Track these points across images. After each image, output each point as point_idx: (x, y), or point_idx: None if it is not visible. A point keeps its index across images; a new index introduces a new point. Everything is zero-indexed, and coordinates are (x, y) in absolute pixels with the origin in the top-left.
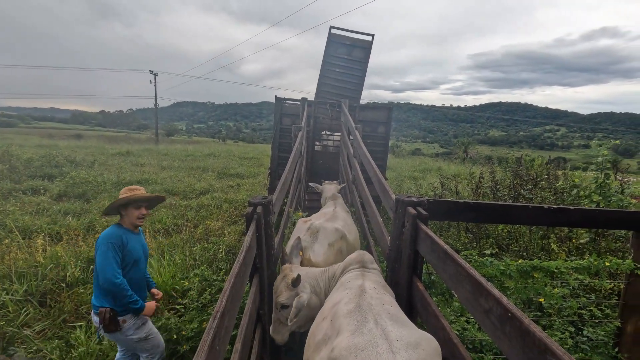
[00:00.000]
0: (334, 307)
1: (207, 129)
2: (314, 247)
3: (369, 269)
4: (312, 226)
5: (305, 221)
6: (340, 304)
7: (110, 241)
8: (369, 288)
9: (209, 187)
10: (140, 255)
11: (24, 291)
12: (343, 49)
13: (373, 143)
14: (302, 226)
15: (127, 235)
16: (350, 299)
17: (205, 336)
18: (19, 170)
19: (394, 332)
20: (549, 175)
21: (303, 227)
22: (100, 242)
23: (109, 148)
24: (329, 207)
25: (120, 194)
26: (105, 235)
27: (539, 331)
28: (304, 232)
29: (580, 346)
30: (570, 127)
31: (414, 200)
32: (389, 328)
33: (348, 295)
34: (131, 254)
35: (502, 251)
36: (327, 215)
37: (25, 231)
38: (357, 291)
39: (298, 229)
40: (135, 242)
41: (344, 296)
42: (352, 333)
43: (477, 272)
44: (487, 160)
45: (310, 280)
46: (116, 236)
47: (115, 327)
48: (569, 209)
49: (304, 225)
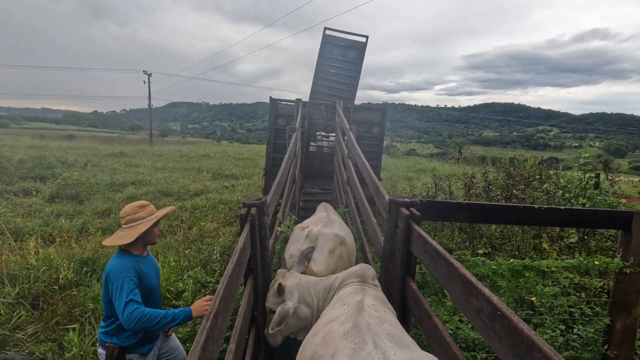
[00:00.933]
0: (329, 324)
1: (202, 129)
2: (314, 256)
3: (369, 284)
4: (311, 234)
5: (303, 227)
6: (336, 322)
7: (128, 275)
8: (367, 305)
9: (204, 188)
10: (155, 282)
11: (16, 294)
12: (337, 50)
13: (367, 144)
14: (300, 234)
15: (140, 263)
16: (347, 317)
17: (199, 337)
18: (10, 171)
19: (396, 356)
20: (542, 176)
21: (301, 235)
22: (113, 277)
23: (102, 149)
24: (321, 212)
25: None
26: (118, 270)
27: (527, 329)
28: (302, 240)
29: (571, 344)
30: (563, 128)
31: (407, 200)
32: (389, 351)
33: (345, 312)
34: (147, 284)
35: (495, 251)
36: (322, 220)
37: (17, 233)
38: (355, 308)
39: (296, 237)
40: (149, 268)
41: (340, 313)
42: (350, 357)
43: (469, 272)
44: (481, 161)
45: (302, 290)
46: (132, 269)
47: None
48: (559, 208)
49: (302, 232)
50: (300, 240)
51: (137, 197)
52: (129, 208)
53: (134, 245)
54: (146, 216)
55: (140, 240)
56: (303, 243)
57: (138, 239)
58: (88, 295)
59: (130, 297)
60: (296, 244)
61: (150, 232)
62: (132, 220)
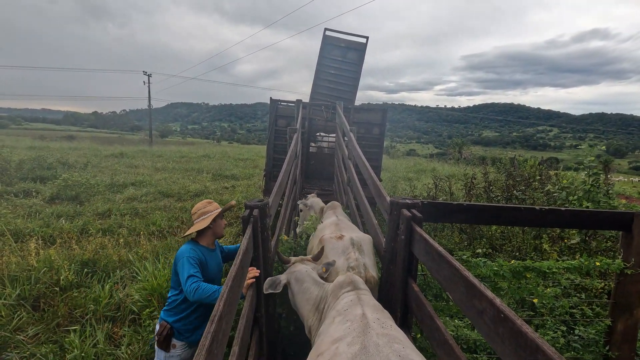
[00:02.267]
0: (334, 344)
1: (202, 130)
2: (365, 262)
3: (362, 290)
4: (355, 241)
5: (339, 237)
6: (342, 342)
7: (190, 255)
8: (372, 320)
9: (204, 189)
10: (215, 274)
11: (17, 295)
12: (337, 51)
13: (368, 144)
14: (339, 243)
15: (206, 254)
16: (354, 337)
17: (204, 340)
18: (10, 172)
19: None
20: (542, 176)
21: (341, 245)
22: (179, 257)
23: (102, 149)
24: (331, 217)
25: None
26: (183, 252)
27: (531, 332)
28: (349, 249)
29: (572, 345)
30: (563, 128)
31: (408, 202)
32: None
33: (351, 331)
34: (206, 273)
35: (496, 251)
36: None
37: (18, 234)
38: (360, 326)
39: (336, 248)
40: (212, 260)
41: (345, 332)
42: None
43: (471, 274)
44: (481, 161)
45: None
46: (195, 253)
47: (166, 346)
48: (560, 210)
49: (340, 242)
50: (346, 250)
51: (137, 198)
52: (200, 204)
53: (204, 235)
54: (214, 209)
55: (211, 232)
56: (352, 251)
57: (209, 228)
58: (89, 297)
59: (191, 272)
60: (341, 256)
61: (217, 224)
62: (203, 213)
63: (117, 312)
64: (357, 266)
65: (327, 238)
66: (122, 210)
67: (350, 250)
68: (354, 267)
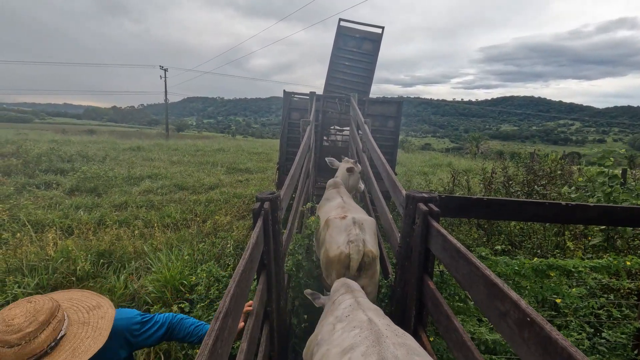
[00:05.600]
0: (345, 355)
1: (217, 124)
2: (366, 238)
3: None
4: (357, 220)
5: (342, 217)
6: (354, 353)
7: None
8: (382, 326)
9: (218, 182)
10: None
11: (35, 284)
12: (352, 42)
13: (382, 137)
14: (342, 222)
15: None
16: (367, 347)
17: (207, 339)
18: (32, 165)
19: None
20: (563, 171)
21: (344, 224)
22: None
23: (120, 143)
24: (336, 198)
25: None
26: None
27: (562, 338)
28: (350, 227)
29: (598, 347)
30: (585, 122)
31: (425, 196)
32: None
33: (362, 339)
34: None
35: (515, 248)
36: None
37: (38, 225)
38: (371, 333)
39: (339, 227)
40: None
41: (355, 341)
42: None
43: (492, 272)
44: (498, 156)
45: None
46: None
47: None
48: (588, 205)
49: (343, 221)
50: (348, 227)
51: (153, 191)
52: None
53: None
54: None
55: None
56: (352, 228)
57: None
58: (104, 287)
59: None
60: (343, 233)
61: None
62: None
63: (131, 303)
64: (356, 240)
65: (332, 218)
66: (138, 203)
67: (352, 228)
68: (353, 241)
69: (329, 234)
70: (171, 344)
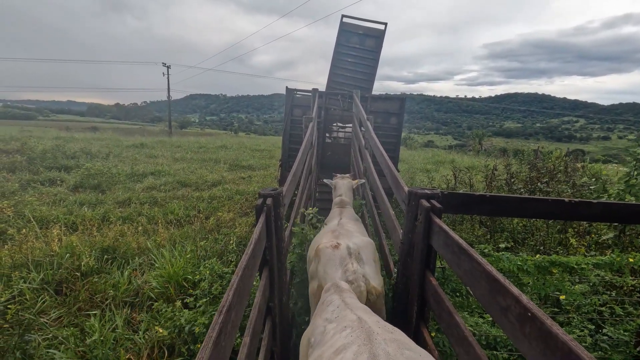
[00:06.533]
0: (338, 356)
1: (220, 121)
2: (366, 271)
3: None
4: (352, 250)
5: (334, 246)
6: (347, 352)
7: None
8: (372, 323)
9: (221, 179)
10: None
11: (41, 280)
12: (355, 38)
13: (385, 134)
14: (335, 253)
15: None
16: (359, 345)
17: (210, 332)
18: (37, 161)
19: None
20: (567, 168)
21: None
22: None
23: (124, 140)
24: (335, 219)
25: None
26: None
27: (562, 333)
28: (346, 259)
29: (600, 344)
30: (590, 119)
31: (427, 192)
32: None
33: (353, 338)
34: None
35: (518, 245)
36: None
37: (43, 221)
38: (362, 332)
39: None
40: None
41: (347, 340)
42: None
43: (494, 268)
44: (502, 153)
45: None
46: None
47: None
48: (591, 202)
49: (336, 252)
50: (343, 260)
51: (156, 187)
52: None
53: None
54: None
55: None
56: (349, 262)
57: None
58: (109, 283)
59: None
60: (339, 268)
61: None
62: None
63: (135, 298)
64: (355, 279)
65: (322, 248)
66: (142, 199)
67: (348, 261)
68: (352, 281)
69: (321, 268)
70: (174, 338)
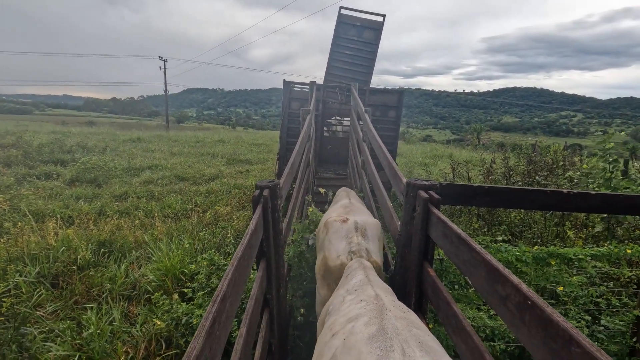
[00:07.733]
0: (349, 324)
1: (217, 115)
2: (369, 247)
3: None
4: (359, 225)
5: (343, 220)
6: (357, 322)
7: None
8: (388, 302)
9: (218, 173)
10: None
11: (37, 273)
12: (353, 30)
13: (383, 127)
14: (343, 227)
15: None
16: (370, 318)
17: (204, 321)
18: (32, 156)
19: None
20: (565, 162)
21: (345, 228)
22: None
23: (121, 134)
24: (344, 199)
25: None
26: None
27: (563, 321)
28: (352, 232)
29: (597, 335)
30: (588, 113)
31: (425, 184)
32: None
33: (366, 311)
34: None
35: (515, 238)
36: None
37: (39, 215)
38: (376, 306)
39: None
40: None
41: (360, 311)
42: None
43: (493, 258)
44: (499, 147)
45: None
46: None
47: None
48: (590, 193)
49: (344, 225)
50: (349, 233)
51: (153, 181)
52: None
53: None
54: None
55: None
56: (354, 235)
57: None
58: (105, 276)
59: None
60: (343, 240)
61: None
62: None
63: (132, 292)
64: (358, 250)
65: (331, 221)
66: (139, 193)
67: (353, 235)
68: (355, 252)
69: (327, 239)
70: (172, 330)
